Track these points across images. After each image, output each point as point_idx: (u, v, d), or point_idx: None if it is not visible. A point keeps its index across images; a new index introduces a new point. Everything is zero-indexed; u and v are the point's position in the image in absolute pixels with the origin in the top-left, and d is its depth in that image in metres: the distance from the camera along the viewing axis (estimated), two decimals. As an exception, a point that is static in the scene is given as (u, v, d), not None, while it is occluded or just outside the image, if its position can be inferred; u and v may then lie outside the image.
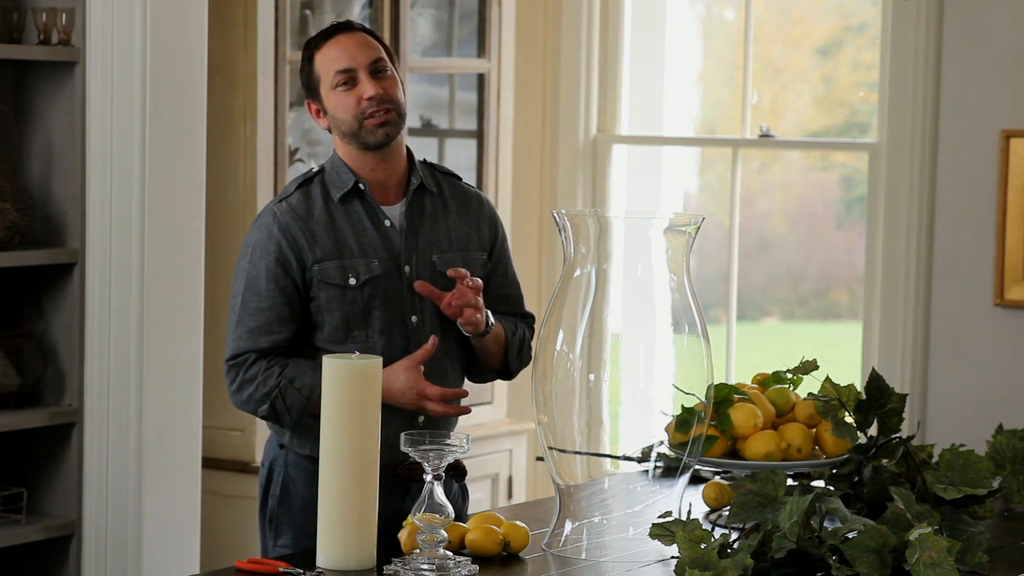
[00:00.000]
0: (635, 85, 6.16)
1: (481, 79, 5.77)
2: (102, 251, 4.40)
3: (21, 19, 4.38)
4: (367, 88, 3.48)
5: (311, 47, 3.55)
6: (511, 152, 5.87)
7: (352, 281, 3.49)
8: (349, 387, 3.00)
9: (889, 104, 5.43)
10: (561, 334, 3.19)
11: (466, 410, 3.51)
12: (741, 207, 6.02)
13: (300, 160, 5.32)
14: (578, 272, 3.20)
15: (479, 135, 5.78)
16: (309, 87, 3.55)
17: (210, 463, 5.01)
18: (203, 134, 4.51)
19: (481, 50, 5.76)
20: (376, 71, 3.50)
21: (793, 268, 9.13)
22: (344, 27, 3.55)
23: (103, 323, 4.40)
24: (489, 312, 3.58)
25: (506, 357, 3.65)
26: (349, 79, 3.49)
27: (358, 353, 3.14)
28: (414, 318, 3.54)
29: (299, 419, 3.48)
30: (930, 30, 5.32)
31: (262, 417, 3.51)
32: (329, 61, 3.50)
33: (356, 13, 5.43)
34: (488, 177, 5.75)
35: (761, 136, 5.91)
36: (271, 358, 3.48)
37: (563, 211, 3.21)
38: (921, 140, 5.36)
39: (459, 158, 5.79)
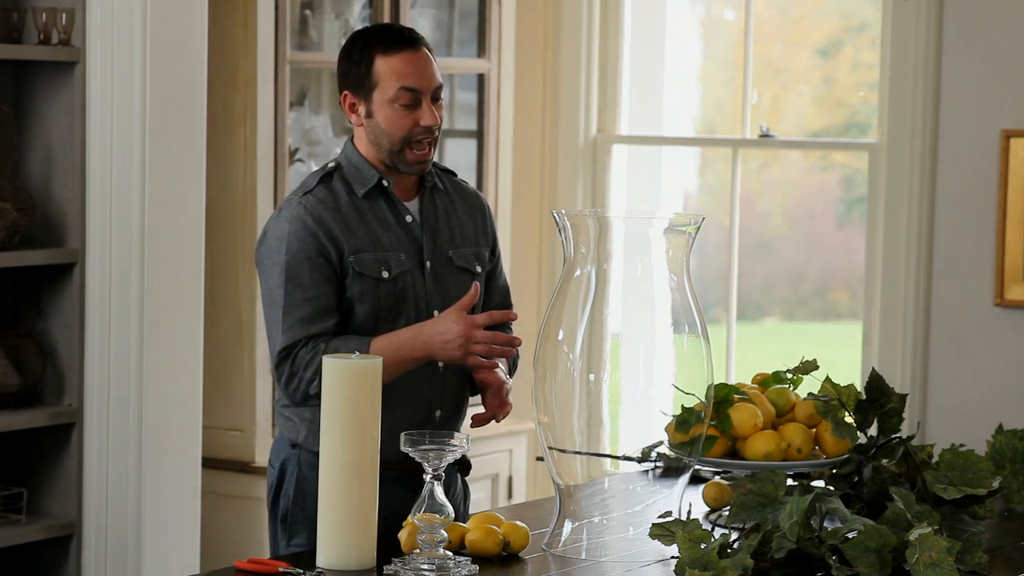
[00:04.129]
0: (635, 85, 6.16)
1: (481, 79, 5.77)
2: (102, 251, 4.40)
3: (21, 19, 4.38)
4: (426, 116, 3.48)
5: (373, 47, 3.50)
6: (511, 152, 5.87)
7: (385, 274, 3.50)
8: (349, 387, 3.00)
9: (889, 104, 5.43)
10: (561, 334, 3.19)
11: (511, 349, 3.50)
12: (741, 207, 6.02)
13: (300, 160, 5.32)
14: (578, 272, 3.20)
15: (479, 135, 5.78)
16: (360, 84, 3.51)
17: (210, 463, 5.01)
18: (203, 134, 4.51)
19: (481, 50, 5.76)
20: (436, 99, 3.52)
21: (793, 268, 9.13)
22: (414, 43, 3.51)
23: (103, 323, 4.40)
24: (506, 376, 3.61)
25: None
26: (413, 100, 3.48)
27: (358, 353, 3.14)
28: (436, 313, 3.55)
29: None
30: (930, 30, 5.32)
31: (315, 395, 3.40)
32: (397, 74, 3.48)
33: (356, 13, 5.43)
34: (488, 177, 5.75)
35: (761, 136, 5.91)
36: (317, 339, 3.46)
37: (563, 211, 3.21)
38: (921, 140, 5.35)
39: (459, 158, 5.79)
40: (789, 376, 3.49)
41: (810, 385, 3.48)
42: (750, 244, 7.94)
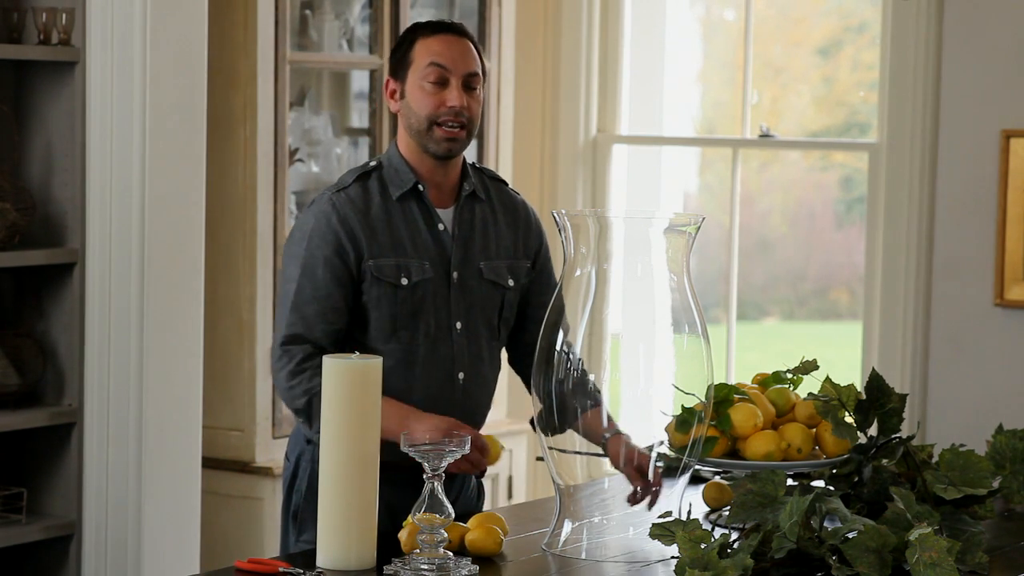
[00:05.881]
0: (635, 85, 6.16)
1: (481, 79, 5.76)
2: (102, 251, 4.40)
3: (21, 19, 4.38)
4: (453, 96, 3.48)
5: (416, 31, 3.54)
6: (511, 152, 5.87)
7: (404, 281, 3.48)
8: (349, 387, 3.00)
9: (889, 104, 5.43)
10: (561, 334, 3.19)
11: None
12: (741, 207, 6.02)
13: (300, 160, 5.32)
14: (578, 272, 3.20)
15: (479, 135, 5.78)
16: (398, 66, 3.53)
17: (210, 463, 5.01)
18: (203, 134, 4.51)
19: (481, 50, 5.76)
20: (468, 86, 3.51)
21: (793, 268, 9.13)
22: (458, 29, 3.56)
23: (103, 323, 4.40)
24: (625, 437, 3.46)
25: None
26: (441, 78, 3.48)
27: (358, 353, 3.15)
28: (458, 325, 3.53)
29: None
30: (930, 30, 5.32)
31: (295, 410, 3.46)
32: (430, 52, 3.49)
33: (356, 13, 5.43)
34: (488, 177, 5.75)
35: (761, 136, 5.91)
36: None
37: (563, 211, 3.21)
38: (921, 140, 5.35)
39: (459, 158, 5.79)
40: (789, 376, 3.49)
41: (810, 385, 3.48)
42: (750, 244, 7.94)
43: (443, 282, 3.52)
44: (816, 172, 8.65)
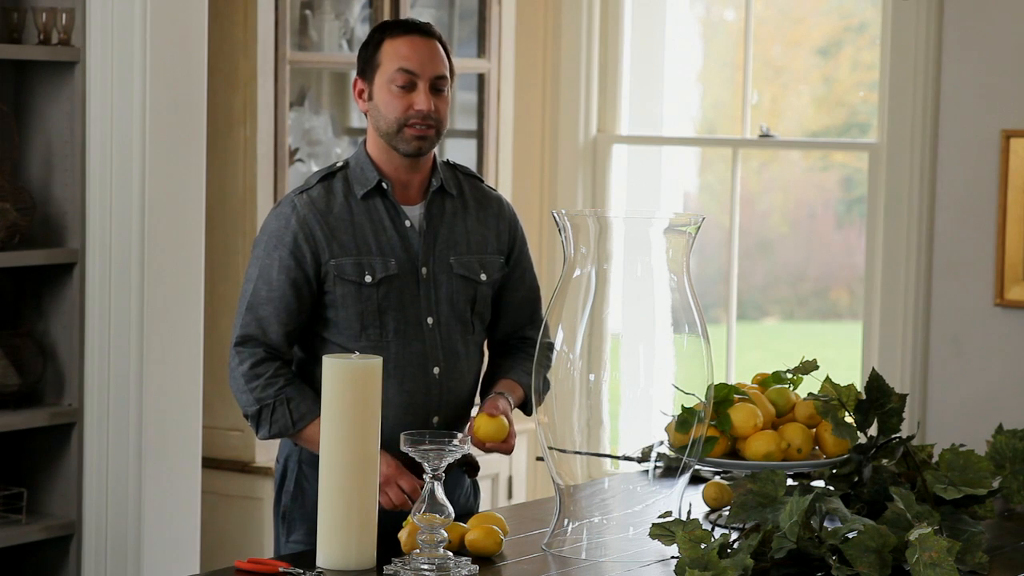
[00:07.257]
0: (635, 85, 6.16)
1: (481, 79, 5.77)
2: (102, 251, 4.40)
3: (21, 19, 4.39)
4: (421, 100, 3.48)
5: (383, 31, 3.55)
6: (511, 152, 5.87)
7: (368, 279, 3.49)
8: (349, 387, 3.00)
9: (889, 104, 5.43)
10: (561, 334, 3.19)
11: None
12: (741, 207, 6.02)
13: (300, 160, 5.32)
14: (578, 272, 3.20)
15: (479, 135, 5.78)
16: (366, 67, 3.54)
17: (210, 463, 5.01)
18: (203, 134, 4.51)
19: (481, 50, 5.76)
20: (436, 88, 3.51)
21: (793, 268, 9.13)
22: (425, 29, 3.56)
23: (103, 323, 4.40)
24: (507, 396, 3.58)
25: (526, 404, 3.65)
26: (408, 82, 3.49)
27: (358, 353, 3.14)
28: (430, 320, 3.54)
29: (274, 436, 3.48)
30: (930, 30, 5.32)
31: (245, 414, 3.50)
32: (397, 56, 3.50)
33: (356, 13, 5.43)
34: (488, 177, 5.75)
35: (761, 136, 5.91)
36: (280, 364, 3.47)
37: (563, 211, 3.21)
38: (921, 140, 5.36)
39: (459, 158, 5.78)
40: (789, 376, 3.49)
41: (810, 385, 3.48)
42: (750, 244, 7.94)
43: (411, 278, 3.53)
44: (816, 172, 8.65)
